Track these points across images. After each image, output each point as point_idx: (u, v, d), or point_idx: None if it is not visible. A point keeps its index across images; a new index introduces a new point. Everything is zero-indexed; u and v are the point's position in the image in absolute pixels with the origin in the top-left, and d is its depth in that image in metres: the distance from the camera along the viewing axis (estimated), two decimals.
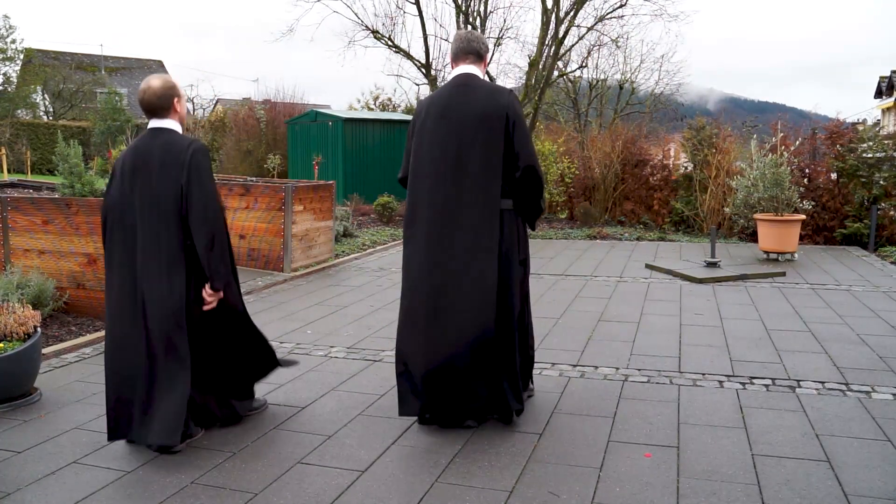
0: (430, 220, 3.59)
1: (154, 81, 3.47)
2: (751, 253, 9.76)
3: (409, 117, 16.51)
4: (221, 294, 3.51)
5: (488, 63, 3.95)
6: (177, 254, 3.38)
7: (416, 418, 3.76)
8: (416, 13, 13.18)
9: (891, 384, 4.33)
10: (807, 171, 11.37)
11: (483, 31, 13.43)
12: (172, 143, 3.41)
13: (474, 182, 3.53)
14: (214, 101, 35.84)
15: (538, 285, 7.43)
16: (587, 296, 7.00)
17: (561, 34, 12.30)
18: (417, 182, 3.67)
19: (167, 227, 3.36)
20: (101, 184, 6.23)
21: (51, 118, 33.56)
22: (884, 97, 34.66)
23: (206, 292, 3.43)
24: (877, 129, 11.64)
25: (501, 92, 3.66)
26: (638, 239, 11.35)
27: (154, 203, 3.36)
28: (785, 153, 9.67)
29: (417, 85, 19.69)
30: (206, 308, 3.47)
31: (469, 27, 13.03)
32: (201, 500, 2.96)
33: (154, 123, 3.49)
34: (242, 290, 7.09)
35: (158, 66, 44.47)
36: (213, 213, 3.41)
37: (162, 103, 3.44)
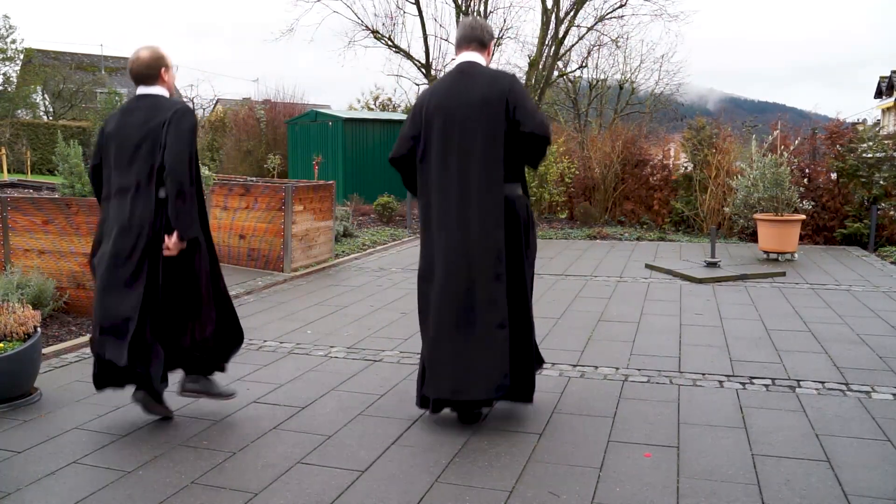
0: (441, 218, 3.61)
1: (143, 52, 3.58)
2: (751, 253, 9.76)
3: None
4: (183, 245, 3.50)
5: (492, 51, 3.94)
6: (151, 206, 3.48)
7: (416, 418, 3.77)
8: (416, 13, 13.20)
9: (891, 384, 4.33)
10: (807, 171, 11.37)
11: None
12: (158, 104, 3.52)
13: (479, 170, 3.53)
14: (214, 101, 35.83)
15: (538, 285, 7.43)
16: (587, 296, 7.00)
17: (561, 34, 12.31)
18: (427, 177, 3.67)
19: (147, 179, 3.46)
20: None
21: (51, 118, 33.55)
22: (884, 97, 34.67)
23: (172, 240, 3.46)
24: (877, 129, 11.64)
25: (502, 77, 3.64)
26: (638, 239, 11.35)
27: (135, 154, 3.47)
28: (785, 153, 9.67)
29: (417, 85, 19.66)
30: (165, 253, 3.49)
31: None
32: (201, 500, 2.96)
33: (141, 90, 3.59)
34: (242, 290, 7.11)
35: None
36: (183, 165, 3.45)
37: (150, 72, 3.56)
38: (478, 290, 3.52)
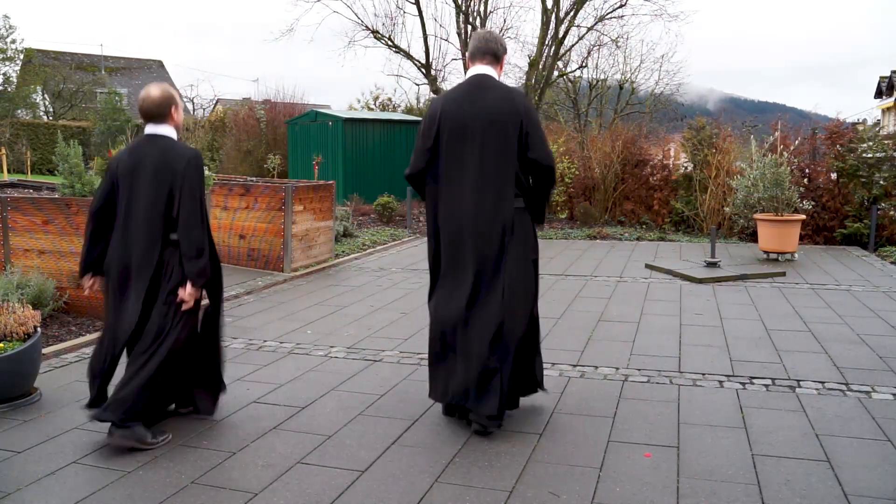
0: (451, 230, 3.66)
1: (153, 91, 3.63)
2: (751, 253, 9.76)
3: (410, 117, 16.50)
4: (198, 294, 3.59)
5: (503, 65, 3.95)
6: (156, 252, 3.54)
7: (416, 418, 3.78)
8: (416, 13, 13.20)
9: (891, 384, 4.33)
10: (807, 171, 11.37)
11: None
12: (168, 150, 3.56)
13: (488, 183, 3.56)
14: (214, 101, 35.85)
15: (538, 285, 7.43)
16: (587, 296, 7.00)
17: (561, 34, 12.30)
18: (439, 188, 3.71)
19: (153, 225, 3.51)
20: None
21: (51, 118, 33.55)
22: (884, 97, 34.66)
23: (185, 291, 3.50)
24: (877, 129, 11.64)
25: (517, 94, 3.68)
26: (638, 239, 11.35)
27: (146, 202, 3.52)
28: (785, 153, 9.67)
29: (417, 85, 19.67)
30: (184, 307, 3.54)
31: (469, 27, 13.01)
32: (201, 500, 2.96)
33: (150, 129, 3.63)
34: (242, 290, 7.11)
35: (158, 67, 44.47)
36: (197, 221, 3.52)
37: (160, 111, 3.61)
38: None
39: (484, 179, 3.57)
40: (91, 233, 3.63)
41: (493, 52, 3.73)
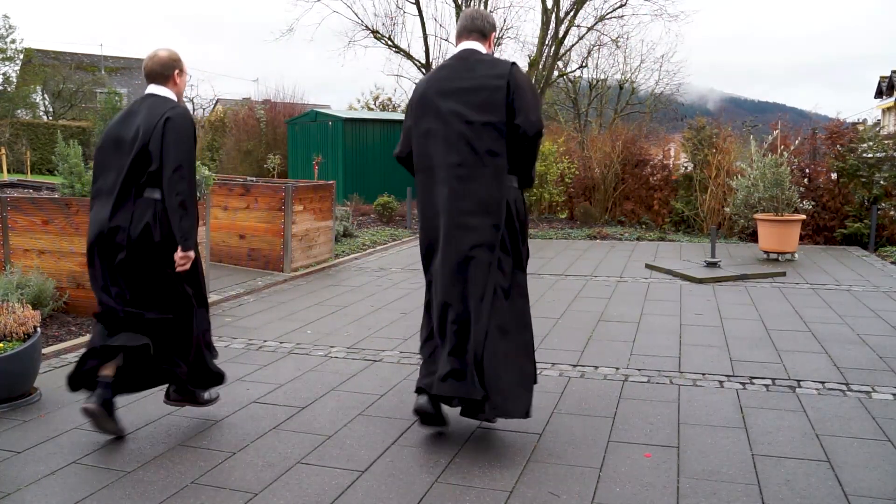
0: (443, 209, 3.46)
1: (161, 52, 3.63)
2: (751, 253, 9.76)
3: None
4: (193, 255, 3.48)
5: (493, 42, 3.84)
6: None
7: (416, 419, 3.76)
8: (416, 13, 13.19)
9: (891, 384, 4.33)
10: (807, 171, 11.37)
11: None
12: (157, 104, 3.50)
13: (479, 158, 3.39)
14: (214, 101, 35.81)
15: (538, 285, 7.44)
16: (587, 296, 7.00)
17: (561, 34, 12.30)
18: (425, 167, 3.55)
19: (132, 176, 3.43)
20: None
21: (51, 118, 33.55)
22: (884, 97, 34.66)
23: (178, 255, 3.43)
24: (877, 129, 11.64)
25: (501, 63, 3.53)
26: (638, 239, 11.35)
27: (126, 154, 3.45)
28: (785, 153, 9.67)
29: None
30: (178, 269, 3.46)
31: None
32: (201, 500, 2.96)
33: (150, 89, 3.60)
34: (242, 291, 7.11)
35: None
36: (185, 177, 3.41)
37: (163, 71, 3.58)
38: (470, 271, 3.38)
39: (475, 153, 3.38)
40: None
41: (480, 29, 3.61)
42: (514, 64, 3.56)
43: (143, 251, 3.43)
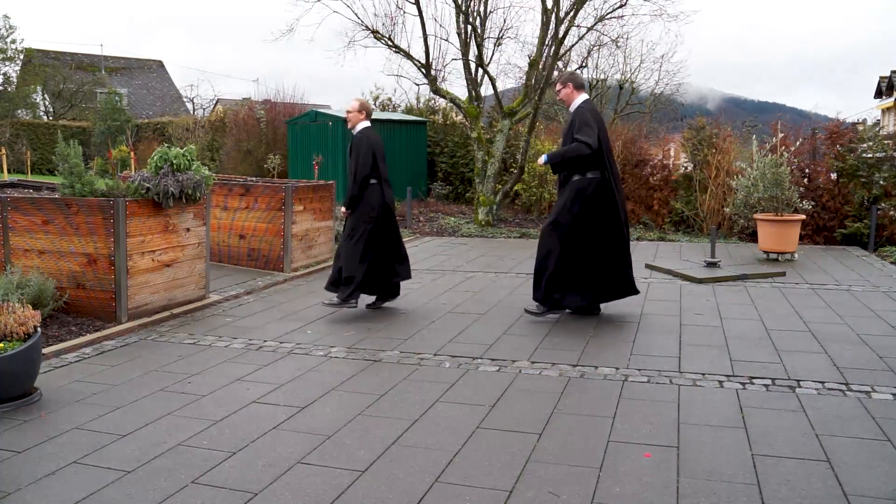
0: None
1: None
2: (751, 253, 9.76)
3: (410, 117, 16.51)
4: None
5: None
6: None
7: (416, 419, 3.79)
8: (416, 13, 13.14)
9: (891, 384, 4.33)
10: (807, 171, 11.37)
11: (483, 31, 13.41)
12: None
13: None
14: (214, 101, 35.84)
15: None
16: None
17: (561, 34, 12.28)
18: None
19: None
20: (102, 184, 6.19)
21: (51, 118, 33.55)
22: (884, 97, 34.62)
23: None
24: (877, 129, 11.64)
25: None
26: (638, 239, 11.35)
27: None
28: (785, 153, 9.67)
29: (417, 85, 19.65)
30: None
31: (469, 27, 13.01)
32: (201, 500, 2.96)
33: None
34: (242, 290, 7.13)
35: (158, 66, 44.46)
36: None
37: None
38: None
39: None
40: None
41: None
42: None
43: None
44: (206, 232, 6.67)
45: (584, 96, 5.95)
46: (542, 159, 5.95)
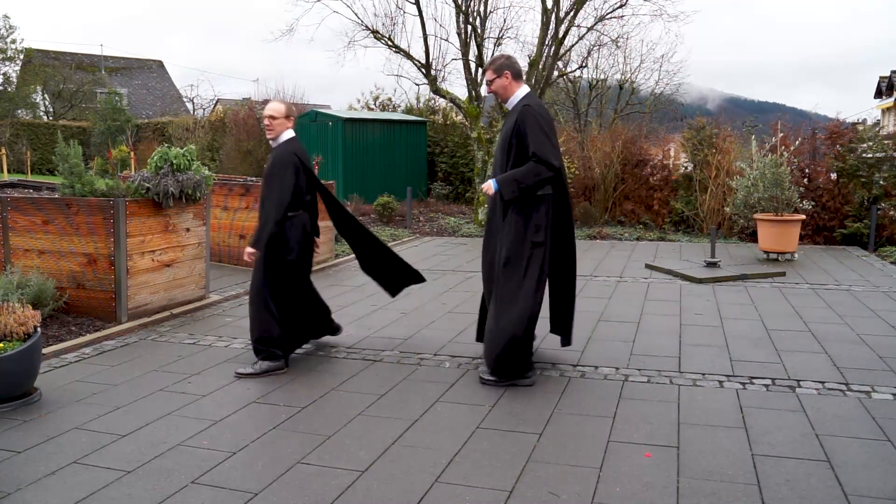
0: None
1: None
2: (751, 253, 9.76)
3: (410, 117, 16.50)
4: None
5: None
6: None
7: (416, 419, 3.78)
8: (416, 13, 13.14)
9: (891, 384, 4.33)
10: (807, 171, 11.37)
11: (483, 31, 13.40)
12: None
13: None
14: (214, 101, 35.83)
15: None
16: (587, 296, 7.00)
17: (561, 34, 12.28)
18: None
19: None
20: (102, 184, 6.20)
21: (51, 118, 33.55)
22: (884, 97, 34.63)
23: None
24: (877, 129, 11.64)
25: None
26: (638, 239, 11.35)
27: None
28: (785, 153, 9.67)
29: (417, 85, 19.63)
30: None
31: (469, 27, 13.01)
32: (201, 500, 2.96)
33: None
34: (242, 291, 7.13)
35: (158, 66, 44.47)
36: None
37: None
38: None
39: None
40: None
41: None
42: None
43: None
44: (206, 232, 6.67)
45: (524, 89, 4.55)
46: (492, 186, 4.61)
